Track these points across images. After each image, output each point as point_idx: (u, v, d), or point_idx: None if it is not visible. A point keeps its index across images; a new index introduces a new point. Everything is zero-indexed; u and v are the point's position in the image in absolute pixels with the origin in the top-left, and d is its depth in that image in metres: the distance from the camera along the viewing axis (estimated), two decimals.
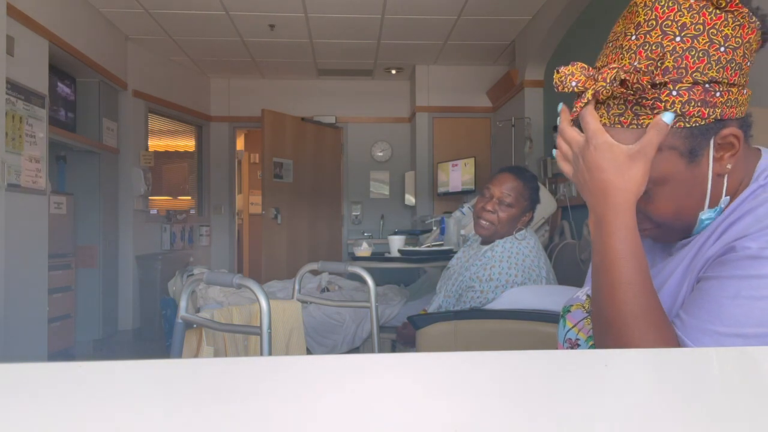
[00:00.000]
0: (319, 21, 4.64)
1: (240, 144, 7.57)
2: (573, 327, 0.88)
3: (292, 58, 5.65)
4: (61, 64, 4.13)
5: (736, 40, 0.67)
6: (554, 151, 0.77)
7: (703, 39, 0.67)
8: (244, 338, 1.79)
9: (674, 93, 0.68)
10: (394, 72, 6.11)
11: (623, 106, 0.70)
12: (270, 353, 1.41)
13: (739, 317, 0.63)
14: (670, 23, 0.67)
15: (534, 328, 1.67)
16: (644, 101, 0.68)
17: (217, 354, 1.64)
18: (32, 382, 0.41)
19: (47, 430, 0.32)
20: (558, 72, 0.71)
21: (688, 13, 0.67)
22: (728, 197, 0.72)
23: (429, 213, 5.72)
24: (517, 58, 5.08)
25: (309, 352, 2.48)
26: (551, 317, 1.64)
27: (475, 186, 5.09)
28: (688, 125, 0.68)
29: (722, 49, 0.67)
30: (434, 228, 4.35)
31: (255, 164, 8.11)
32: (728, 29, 0.67)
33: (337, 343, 2.77)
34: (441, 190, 5.61)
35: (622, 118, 0.70)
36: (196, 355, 1.62)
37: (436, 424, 0.33)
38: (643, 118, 0.69)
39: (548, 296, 1.79)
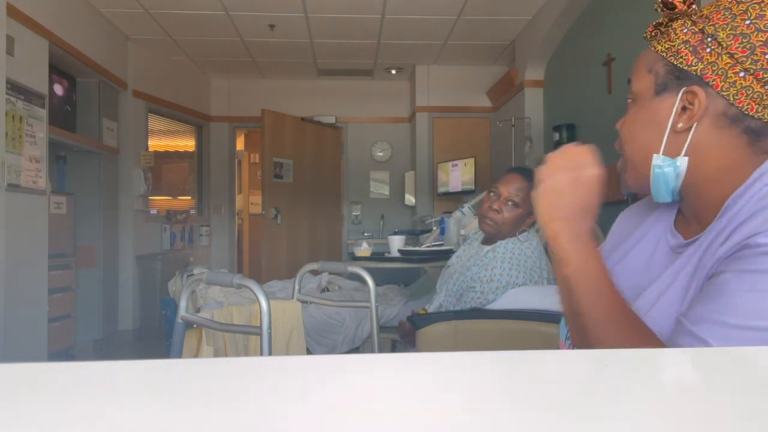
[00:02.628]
0: (319, 21, 4.64)
1: (240, 144, 7.57)
2: None
3: (292, 58, 5.65)
4: (61, 64, 4.13)
5: (757, 24, 0.70)
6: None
7: (742, 6, 0.71)
8: (244, 338, 1.79)
9: (685, 31, 0.74)
10: (394, 72, 6.11)
11: (662, 32, 0.79)
12: (270, 353, 1.41)
13: (752, 310, 0.63)
14: None
15: (534, 328, 1.67)
16: (670, 30, 0.76)
17: (217, 354, 1.64)
18: (32, 382, 0.41)
19: (47, 430, 0.32)
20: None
21: None
22: (686, 158, 0.75)
23: (429, 213, 5.72)
24: (517, 58, 5.08)
25: (309, 352, 2.48)
26: (551, 317, 1.64)
27: (475, 186, 5.09)
28: (676, 63, 0.74)
29: (747, 21, 0.70)
30: (434, 228, 4.35)
31: (255, 164, 8.11)
32: (756, 10, 0.70)
33: (337, 343, 2.77)
34: (441, 190, 5.61)
35: (657, 42, 0.79)
36: (196, 355, 1.62)
37: (436, 424, 0.33)
38: (660, 44, 0.78)
39: (548, 296, 1.79)
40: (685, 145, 0.75)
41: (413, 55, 5.58)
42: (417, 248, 3.22)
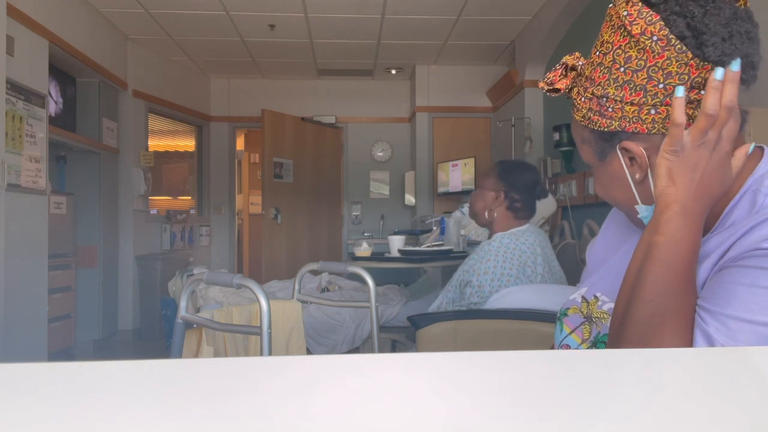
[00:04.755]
0: (319, 21, 4.64)
1: (240, 144, 7.57)
2: (571, 333, 0.87)
3: (292, 58, 5.65)
4: (61, 64, 4.13)
5: (638, 62, 0.71)
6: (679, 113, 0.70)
7: (609, 57, 0.74)
8: (244, 338, 1.79)
9: (583, 99, 0.77)
10: (394, 72, 6.11)
11: (572, 95, 0.82)
12: (270, 353, 1.41)
13: (751, 304, 0.63)
14: (600, 37, 0.76)
15: (534, 328, 1.68)
16: (574, 95, 0.81)
17: (217, 354, 1.64)
18: (32, 382, 0.41)
19: (47, 430, 0.32)
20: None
21: (610, 30, 0.74)
22: None
23: (429, 213, 5.72)
24: (517, 58, 5.08)
25: (309, 352, 2.48)
26: (550, 317, 1.64)
27: (475, 186, 5.08)
28: (596, 128, 0.77)
29: (621, 69, 0.72)
30: (434, 228, 4.34)
31: (255, 164, 8.11)
32: (633, 51, 0.71)
33: (337, 343, 2.77)
34: (441, 190, 5.61)
35: (571, 107, 0.82)
36: (196, 355, 1.62)
37: (436, 424, 0.33)
38: (576, 112, 0.80)
39: (548, 296, 1.79)
40: (652, 191, 0.75)
41: (413, 55, 5.58)
42: (417, 248, 3.22)
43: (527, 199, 2.09)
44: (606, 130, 0.75)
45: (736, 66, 0.67)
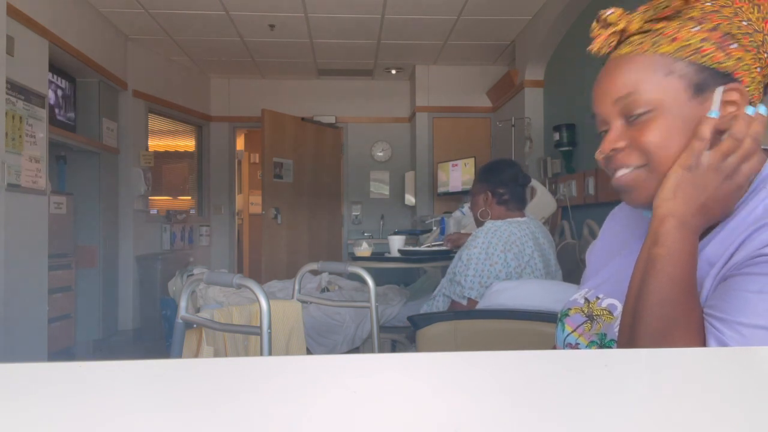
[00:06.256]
0: (319, 21, 4.64)
1: (240, 144, 7.57)
2: (573, 332, 0.87)
3: (292, 58, 5.65)
4: (61, 64, 4.13)
5: (758, 24, 0.72)
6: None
7: (729, 9, 0.73)
8: (244, 338, 1.79)
9: (697, 28, 0.72)
10: (394, 72, 6.11)
11: (644, 36, 0.75)
12: (270, 353, 1.41)
13: (762, 311, 0.63)
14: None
15: (534, 328, 1.68)
16: (667, 30, 0.73)
17: (217, 354, 1.64)
18: (32, 382, 0.41)
19: (47, 430, 0.32)
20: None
21: None
22: None
23: (429, 213, 5.72)
24: (517, 58, 5.08)
25: (309, 352, 2.48)
26: (551, 317, 1.64)
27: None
28: (701, 61, 0.72)
29: (744, 22, 0.72)
30: (434, 228, 4.34)
31: (255, 164, 8.11)
32: (753, 15, 0.72)
33: (337, 343, 2.77)
34: (441, 190, 5.61)
35: (640, 46, 0.75)
36: (196, 355, 1.62)
37: (436, 424, 0.33)
38: (662, 46, 0.73)
39: (551, 293, 1.79)
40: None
41: (413, 55, 5.58)
42: (417, 248, 3.22)
43: (513, 189, 2.20)
44: (715, 65, 0.71)
45: (763, 110, 0.68)
